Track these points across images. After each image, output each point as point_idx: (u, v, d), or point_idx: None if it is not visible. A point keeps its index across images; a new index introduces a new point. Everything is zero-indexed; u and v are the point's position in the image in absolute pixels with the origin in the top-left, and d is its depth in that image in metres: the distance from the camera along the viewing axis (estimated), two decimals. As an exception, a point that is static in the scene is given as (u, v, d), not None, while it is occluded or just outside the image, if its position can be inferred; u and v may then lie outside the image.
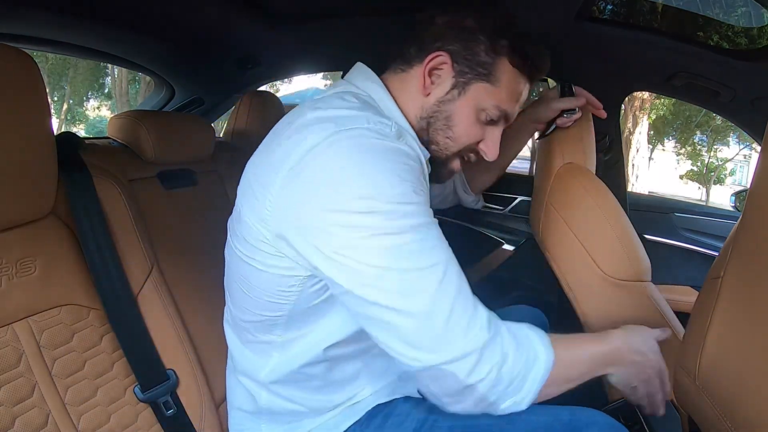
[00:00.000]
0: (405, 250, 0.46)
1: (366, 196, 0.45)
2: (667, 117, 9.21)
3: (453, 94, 0.60)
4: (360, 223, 0.46)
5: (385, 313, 0.47)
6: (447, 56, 0.59)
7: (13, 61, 0.55)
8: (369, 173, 0.46)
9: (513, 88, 0.61)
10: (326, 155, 0.47)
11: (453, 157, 0.64)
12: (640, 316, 0.86)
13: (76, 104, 10.83)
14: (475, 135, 0.62)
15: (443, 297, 0.47)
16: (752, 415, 0.39)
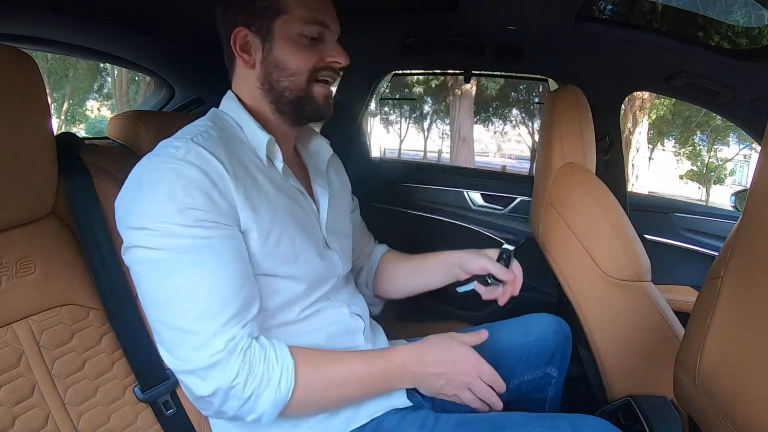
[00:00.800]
0: (159, 267, 0.53)
1: (140, 213, 0.53)
2: (667, 117, 9.21)
3: (267, 47, 0.64)
4: (132, 236, 0.54)
5: (150, 315, 0.57)
6: (241, 28, 0.63)
7: (13, 61, 0.55)
8: (145, 194, 0.54)
9: (306, 1, 0.63)
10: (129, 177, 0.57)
11: (309, 87, 0.65)
12: (639, 316, 0.86)
13: (76, 104, 10.83)
14: (311, 57, 0.64)
15: (182, 314, 0.53)
16: (752, 415, 0.39)
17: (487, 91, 10.05)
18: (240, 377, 0.53)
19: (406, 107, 12.46)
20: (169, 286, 0.53)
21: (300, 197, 0.68)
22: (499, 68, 1.54)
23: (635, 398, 0.85)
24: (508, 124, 11.45)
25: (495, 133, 11.87)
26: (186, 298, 0.53)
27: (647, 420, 0.78)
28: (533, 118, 10.53)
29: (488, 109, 10.84)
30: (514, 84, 9.51)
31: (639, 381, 0.88)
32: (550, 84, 1.47)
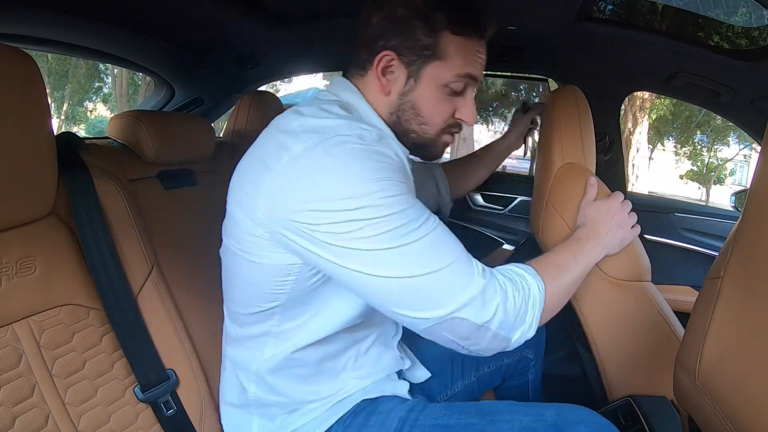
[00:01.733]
0: (395, 233, 0.51)
1: (353, 195, 0.50)
2: (667, 117, 9.21)
3: (410, 84, 0.61)
4: (352, 217, 0.49)
5: (390, 286, 0.51)
6: (392, 53, 0.60)
7: (13, 61, 0.55)
8: (352, 174, 0.50)
9: (465, 53, 0.60)
10: (312, 162, 0.51)
11: (437, 137, 0.65)
12: (639, 316, 0.86)
13: (76, 104, 10.83)
14: (447, 110, 0.63)
15: (438, 259, 0.53)
16: (752, 415, 0.39)
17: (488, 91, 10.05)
18: (509, 290, 0.56)
19: (406, 107, 12.41)
20: (416, 247, 0.52)
21: None
22: (499, 68, 1.54)
23: (635, 398, 0.85)
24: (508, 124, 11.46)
25: (495, 133, 11.89)
26: (437, 249, 0.54)
27: (647, 420, 0.78)
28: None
29: (488, 108, 10.84)
30: (515, 84, 9.51)
31: (639, 381, 0.88)
32: (550, 84, 1.47)
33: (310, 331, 0.61)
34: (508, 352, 0.80)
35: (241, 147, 1.16)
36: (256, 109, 1.20)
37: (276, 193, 0.52)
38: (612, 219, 0.73)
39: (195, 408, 0.76)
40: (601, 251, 0.73)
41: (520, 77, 1.80)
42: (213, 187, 1.03)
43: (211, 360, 0.84)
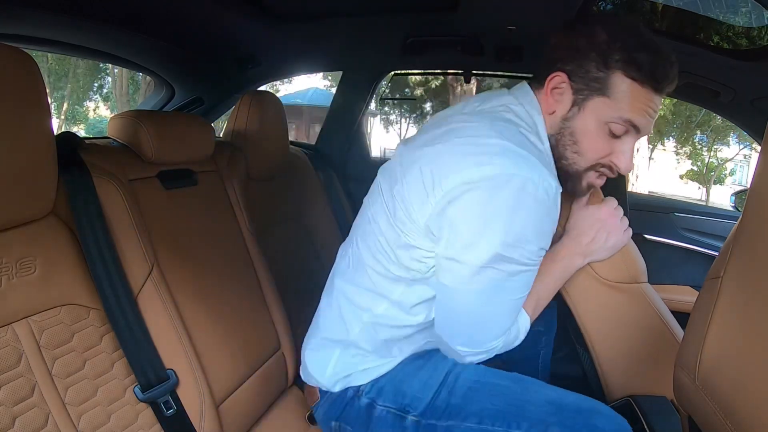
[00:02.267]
0: (505, 280, 0.61)
1: (509, 243, 0.58)
2: (667, 117, 9.20)
3: (573, 110, 0.64)
4: (500, 256, 0.58)
5: (451, 313, 0.66)
6: (564, 75, 0.63)
7: (13, 61, 0.55)
8: (520, 224, 0.58)
9: (633, 99, 0.61)
10: (498, 191, 0.56)
11: (585, 173, 0.67)
12: (636, 318, 0.86)
13: (76, 104, 10.83)
14: (602, 149, 0.64)
15: (497, 316, 0.66)
16: (752, 415, 0.39)
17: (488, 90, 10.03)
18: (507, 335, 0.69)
19: (406, 107, 12.45)
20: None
21: None
22: (499, 68, 1.54)
23: (635, 398, 0.85)
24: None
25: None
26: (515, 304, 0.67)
27: (647, 420, 0.78)
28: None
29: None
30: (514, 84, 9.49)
31: (638, 381, 0.88)
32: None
33: (415, 310, 0.70)
34: None
35: (241, 147, 1.17)
36: (256, 109, 1.20)
37: (448, 202, 0.60)
38: (598, 228, 0.74)
39: (195, 408, 0.76)
40: (580, 261, 0.75)
41: (520, 77, 1.80)
42: (213, 187, 1.03)
43: (211, 360, 0.84)
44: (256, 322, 1.00)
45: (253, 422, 0.93)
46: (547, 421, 0.62)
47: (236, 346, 0.92)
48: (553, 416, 0.63)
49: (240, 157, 1.15)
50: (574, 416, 0.63)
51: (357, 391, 0.74)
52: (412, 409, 0.70)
